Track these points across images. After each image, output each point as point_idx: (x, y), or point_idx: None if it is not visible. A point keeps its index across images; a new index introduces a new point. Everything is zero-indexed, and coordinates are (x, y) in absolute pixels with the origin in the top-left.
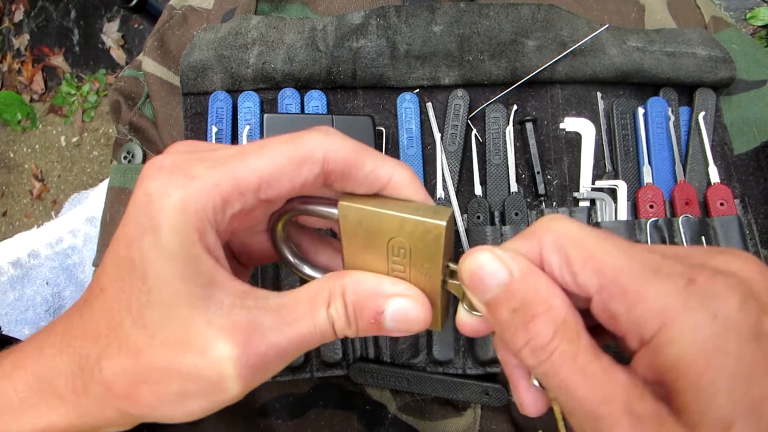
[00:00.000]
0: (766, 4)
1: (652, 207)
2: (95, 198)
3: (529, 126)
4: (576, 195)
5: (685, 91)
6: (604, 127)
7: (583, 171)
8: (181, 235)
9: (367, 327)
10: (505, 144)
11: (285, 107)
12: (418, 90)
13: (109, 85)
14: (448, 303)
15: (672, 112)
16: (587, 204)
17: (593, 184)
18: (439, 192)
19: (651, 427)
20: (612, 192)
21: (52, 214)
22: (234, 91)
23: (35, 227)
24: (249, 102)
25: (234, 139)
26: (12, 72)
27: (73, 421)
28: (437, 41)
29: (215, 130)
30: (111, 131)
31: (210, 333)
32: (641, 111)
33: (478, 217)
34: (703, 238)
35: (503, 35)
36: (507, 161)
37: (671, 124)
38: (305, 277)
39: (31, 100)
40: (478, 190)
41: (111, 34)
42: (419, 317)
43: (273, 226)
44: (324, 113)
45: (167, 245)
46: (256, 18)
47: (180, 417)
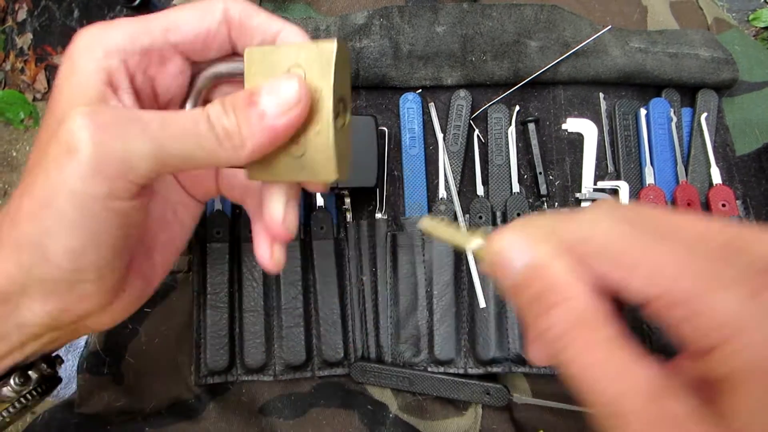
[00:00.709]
0: None
1: None
2: None
3: (532, 126)
4: (578, 195)
5: (688, 93)
6: (606, 128)
7: (585, 172)
8: (87, 60)
9: (244, 113)
10: (508, 144)
11: None
12: (420, 90)
13: None
14: (346, 147)
15: (674, 113)
16: (589, 205)
17: (595, 184)
18: (442, 192)
19: (685, 426)
20: (614, 193)
21: None
22: None
23: None
24: None
25: None
26: (15, 71)
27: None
28: (440, 41)
29: None
30: None
31: (74, 109)
32: (643, 112)
33: (480, 218)
34: None
35: (506, 36)
36: (509, 162)
37: (673, 125)
38: None
39: (34, 99)
40: (480, 190)
41: None
42: (293, 89)
43: (195, 97)
44: None
45: (76, 73)
46: None
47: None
